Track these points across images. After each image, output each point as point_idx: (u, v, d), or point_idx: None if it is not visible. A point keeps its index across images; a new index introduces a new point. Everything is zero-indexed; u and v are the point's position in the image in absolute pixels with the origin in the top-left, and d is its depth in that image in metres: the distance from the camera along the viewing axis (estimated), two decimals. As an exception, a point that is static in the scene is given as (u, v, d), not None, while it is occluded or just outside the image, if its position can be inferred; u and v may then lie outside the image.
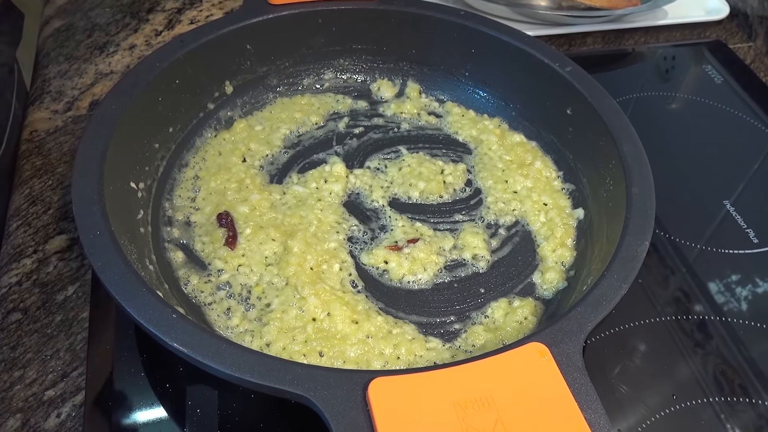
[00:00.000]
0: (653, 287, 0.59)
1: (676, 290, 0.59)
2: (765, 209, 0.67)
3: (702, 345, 0.55)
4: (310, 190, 0.62)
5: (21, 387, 0.50)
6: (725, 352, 0.54)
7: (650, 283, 0.59)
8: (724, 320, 0.56)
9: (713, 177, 0.70)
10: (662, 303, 0.58)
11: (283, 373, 0.39)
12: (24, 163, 0.66)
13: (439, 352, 0.51)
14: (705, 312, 0.57)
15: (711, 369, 0.53)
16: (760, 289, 0.59)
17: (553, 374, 0.39)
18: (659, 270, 0.60)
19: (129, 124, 0.55)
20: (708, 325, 0.56)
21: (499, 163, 0.66)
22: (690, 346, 0.55)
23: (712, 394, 0.52)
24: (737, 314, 0.57)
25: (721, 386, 0.52)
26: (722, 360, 0.54)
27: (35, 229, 0.60)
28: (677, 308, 0.57)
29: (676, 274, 0.60)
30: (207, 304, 0.53)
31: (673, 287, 0.59)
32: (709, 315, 0.57)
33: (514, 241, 0.60)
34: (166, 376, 0.50)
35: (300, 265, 0.55)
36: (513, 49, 0.66)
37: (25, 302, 0.55)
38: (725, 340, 0.55)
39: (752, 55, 0.88)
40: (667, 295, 0.59)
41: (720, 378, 0.53)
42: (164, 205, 0.60)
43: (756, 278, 0.60)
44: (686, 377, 0.53)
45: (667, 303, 0.58)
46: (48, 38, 0.81)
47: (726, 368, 0.53)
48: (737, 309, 0.57)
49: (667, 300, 0.58)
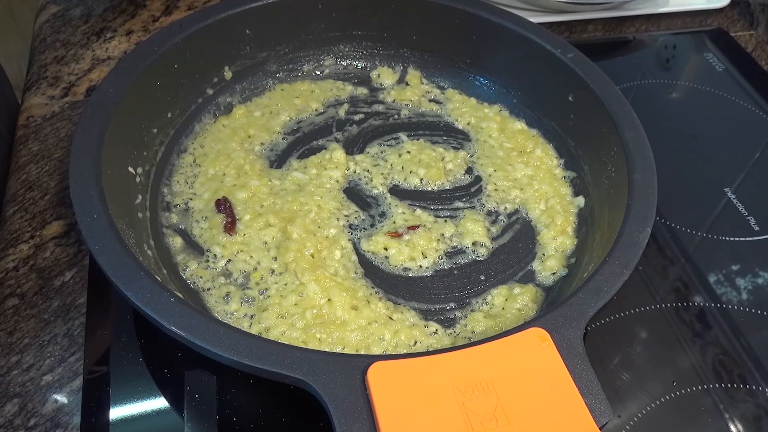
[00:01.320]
0: (653, 275, 0.59)
1: (676, 279, 0.59)
2: (766, 197, 0.66)
3: (701, 333, 0.55)
4: (309, 177, 0.62)
5: (18, 372, 0.49)
6: (724, 341, 0.54)
7: (650, 271, 0.59)
8: (724, 308, 0.56)
9: (715, 165, 0.70)
10: (662, 291, 0.58)
11: (282, 357, 0.39)
12: (20, 149, 0.65)
13: (439, 338, 0.51)
14: (705, 300, 0.57)
15: (710, 357, 0.53)
16: (760, 277, 0.59)
17: (553, 359, 0.39)
18: (659, 258, 0.60)
19: (127, 109, 0.54)
20: (707, 313, 0.56)
21: (499, 151, 0.65)
22: (689, 335, 0.55)
23: (710, 382, 0.51)
24: (737, 302, 0.57)
25: (719, 374, 0.52)
26: (721, 348, 0.54)
27: (32, 215, 0.59)
28: (677, 296, 0.57)
29: (675, 263, 0.60)
30: (206, 290, 0.53)
31: (673, 275, 0.59)
32: (708, 303, 0.57)
33: (514, 228, 0.60)
34: (164, 362, 0.50)
35: (299, 251, 0.54)
36: (515, 35, 0.65)
37: (22, 287, 0.54)
38: (724, 329, 0.55)
39: (753, 43, 0.87)
40: (667, 283, 0.58)
41: (719, 366, 0.53)
42: (163, 191, 0.59)
43: (756, 266, 0.60)
44: (686, 365, 0.53)
45: (667, 291, 0.58)
46: (44, 24, 0.80)
47: (725, 357, 0.53)
48: (737, 297, 0.57)
49: (667, 288, 0.58)
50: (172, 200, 0.59)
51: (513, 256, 0.57)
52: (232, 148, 0.63)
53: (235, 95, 0.68)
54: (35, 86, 0.72)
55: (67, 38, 0.78)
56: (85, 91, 0.72)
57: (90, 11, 0.82)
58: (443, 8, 0.68)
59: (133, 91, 0.55)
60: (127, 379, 0.49)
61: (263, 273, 0.53)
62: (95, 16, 0.81)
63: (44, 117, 0.68)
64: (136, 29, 0.80)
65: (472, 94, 0.71)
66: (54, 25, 0.80)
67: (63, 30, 0.79)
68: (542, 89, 0.66)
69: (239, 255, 0.54)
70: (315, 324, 0.50)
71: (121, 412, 0.47)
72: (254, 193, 0.59)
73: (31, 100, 0.70)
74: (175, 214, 0.58)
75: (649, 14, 0.89)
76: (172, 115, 0.62)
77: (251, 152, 0.64)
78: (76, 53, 0.76)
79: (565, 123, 0.64)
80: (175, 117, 0.62)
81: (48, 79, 0.73)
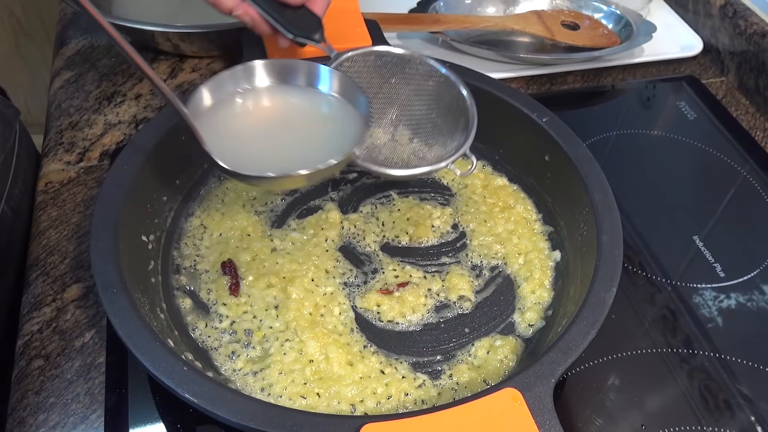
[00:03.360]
0: (626, 323, 0.63)
1: (649, 326, 0.64)
2: (731, 244, 0.71)
3: (675, 375, 0.59)
4: (307, 237, 0.67)
5: (45, 429, 0.54)
6: (701, 379, 0.59)
7: (624, 319, 0.64)
8: (695, 353, 0.61)
9: (685, 212, 0.75)
10: (636, 338, 0.62)
11: (284, 420, 0.44)
12: (41, 214, 0.71)
13: (426, 389, 0.56)
14: (677, 346, 0.62)
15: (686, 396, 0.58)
16: (725, 324, 0.64)
17: (524, 417, 0.44)
18: (632, 306, 0.65)
19: (141, 182, 0.60)
20: (679, 359, 0.61)
21: (482, 206, 0.70)
22: (664, 377, 0.59)
23: (679, 425, 0.56)
24: (708, 347, 0.62)
25: (691, 413, 0.57)
26: (699, 386, 0.58)
27: (53, 279, 0.65)
28: (650, 342, 0.62)
29: (648, 312, 0.65)
30: (214, 348, 0.58)
31: (646, 323, 0.64)
32: (681, 349, 0.61)
33: (496, 281, 0.65)
34: (178, 418, 0.55)
35: (299, 310, 0.59)
36: (494, 98, 0.70)
37: (46, 349, 0.59)
38: (701, 369, 0.60)
39: (724, 89, 0.93)
40: (641, 330, 0.63)
41: (692, 404, 0.57)
42: (173, 254, 0.65)
43: (719, 315, 0.64)
44: (658, 407, 0.58)
45: (641, 338, 0.62)
46: (59, 90, 0.86)
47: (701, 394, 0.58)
48: (705, 344, 0.62)
49: (640, 335, 0.63)
50: (182, 263, 0.64)
51: (495, 308, 0.62)
52: (236, 210, 0.69)
53: (238, 159, 0.73)
54: (52, 152, 0.78)
55: (80, 104, 0.84)
56: (98, 156, 0.77)
57: (101, 76, 0.88)
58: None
59: (146, 165, 0.61)
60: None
61: (266, 332, 0.59)
62: (105, 81, 0.87)
63: (62, 182, 0.74)
64: (144, 93, 0.86)
65: (457, 151, 0.76)
66: (68, 91, 0.86)
67: (76, 95, 0.85)
68: (521, 148, 0.71)
69: (244, 315, 0.60)
70: (313, 379, 0.55)
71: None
72: (257, 255, 0.64)
73: (48, 167, 0.76)
74: (185, 276, 0.63)
75: (625, 64, 0.95)
76: (180, 183, 0.67)
77: (253, 213, 0.69)
78: (89, 118, 0.82)
79: (543, 180, 0.69)
80: (183, 183, 0.68)
81: (64, 144, 0.79)
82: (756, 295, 0.66)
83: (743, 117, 0.88)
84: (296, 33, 0.61)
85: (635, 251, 0.70)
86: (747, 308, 0.65)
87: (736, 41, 0.92)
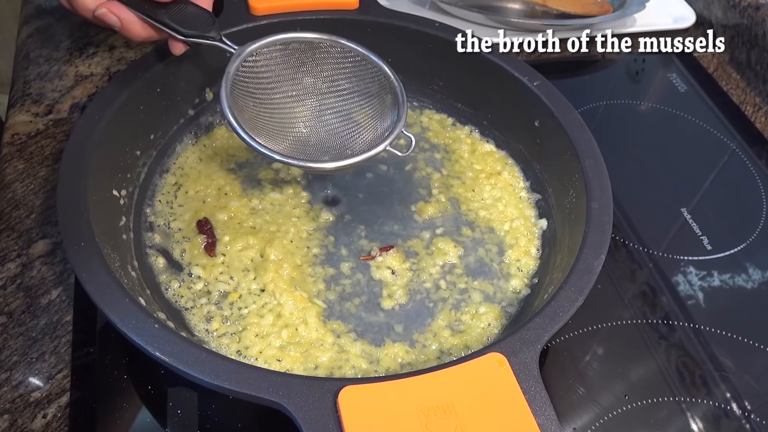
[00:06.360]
0: (612, 293, 0.62)
1: (634, 296, 0.63)
2: (719, 217, 0.70)
3: (657, 347, 0.59)
4: (287, 196, 0.64)
5: (8, 389, 0.52)
6: (679, 354, 0.58)
7: (609, 290, 0.63)
8: (680, 324, 0.60)
9: (673, 185, 0.74)
10: (620, 308, 0.61)
11: (259, 381, 0.42)
12: (6, 167, 0.67)
13: (409, 354, 0.54)
14: (662, 317, 0.61)
15: (666, 369, 0.57)
16: (712, 297, 0.63)
17: (510, 383, 0.42)
18: (618, 276, 0.64)
19: (112, 135, 0.57)
20: (662, 330, 0.60)
21: (469, 172, 0.68)
22: (646, 349, 0.59)
23: (662, 395, 0.55)
24: (692, 319, 0.61)
25: (673, 386, 0.56)
26: (676, 361, 0.58)
27: (18, 234, 0.61)
28: (634, 313, 0.61)
29: (633, 282, 0.64)
30: (187, 309, 0.56)
31: (631, 293, 0.63)
32: (666, 320, 0.61)
33: (482, 248, 0.63)
34: (148, 379, 0.52)
35: (277, 272, 0.57)
36: (484, 62, 0.68)
37: (9, 306, 0.57)
38: (680, 344, 0.59)
39: (715, 63, 0.92)
40: (625, 301, 0.62)
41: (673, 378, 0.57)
42: (146, 211, 0.62)
43: (707, 286, 0.64)
44: (640, 377, 0.57)
45: (624, 308, 0.61)
46: (27, 38, 0.82)
47: (681, 368, 0.57)
48: (692, 314, 0.61)
49: (624, 305, 0.62)
50: (155, 220, 0.61)
51: (480, 275, 0.61)
52: (213, 169, 0.66)
53: (216, 115, 0.70)
54: (19, 103, 0.74)
55: (50, 54, 0.80)
56: (68, 109, 0.74)
57: (72, 26, 0.84)
58: (418, 33, 0.71)
59: (117, 117, 0.58)
60: (112, 395, 0.51)
61: (242, 293, 0.56)
62: (77, 31, 0.83)
63: (29, 135, 0.70)
64: (118, 45, 0.82)
65: (448, 114, 0.74)
66: (37, 40, 0.82)
67: (46, 45, 0.81)
68: (511, 113, 0.69)
69: (220, 276, 0.57)
70: (290, 343, 0.53)
71: (108, 426, 0.50)
72: (234, 215, 0.62)
73: (15, 118, 0.72)
74: (158, 234, 0.60)
75: (617, 33, 0.93)
76: (155, 137, 0.64)
77: (231, 172, 0.66)
78: (59, 69, 0.78)
79: (532, 147, 0.67)
80: (157, 138, 0.65)
81: (32, 96, 0.75)
82: (743, 267, 0.65)
83: (733, 91, 0.87)
84: (187, 33, 0.55)
85: (623, 222, 0.69)
86: (730, 283, 0.64)
87: (730, 14, 0.90)
